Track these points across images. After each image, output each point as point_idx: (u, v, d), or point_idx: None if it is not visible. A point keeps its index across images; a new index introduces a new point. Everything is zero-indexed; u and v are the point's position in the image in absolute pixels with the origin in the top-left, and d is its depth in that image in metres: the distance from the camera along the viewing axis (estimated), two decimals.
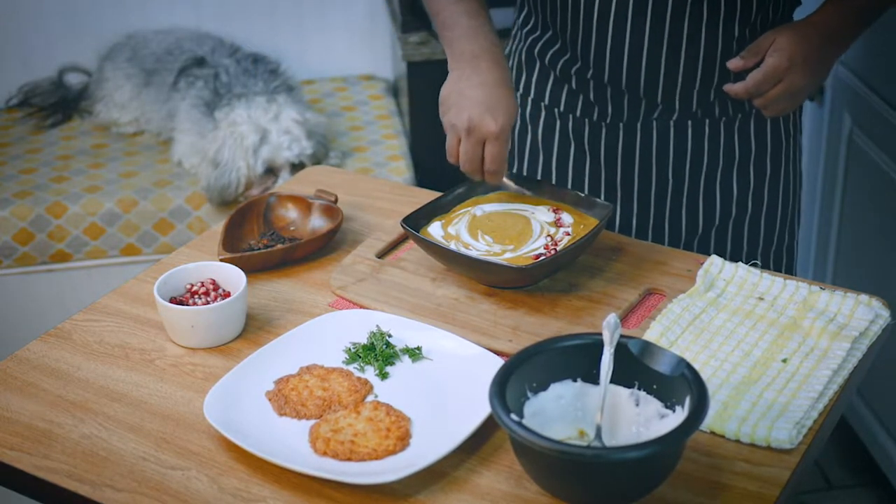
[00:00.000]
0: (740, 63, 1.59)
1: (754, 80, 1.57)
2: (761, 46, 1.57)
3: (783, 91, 1.57)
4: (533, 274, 1.44)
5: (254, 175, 2.60)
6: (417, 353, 1.37)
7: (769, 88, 1.57)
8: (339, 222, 1.58)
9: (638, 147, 1.69)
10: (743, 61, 1.58)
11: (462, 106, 1.49)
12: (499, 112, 1.48)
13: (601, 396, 1.18)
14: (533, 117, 1.75)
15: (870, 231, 2.35)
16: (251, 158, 2.59)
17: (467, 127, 1.48)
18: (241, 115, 2.62)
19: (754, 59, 1.58)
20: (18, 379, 1.37)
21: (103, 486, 1.21)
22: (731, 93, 1.59)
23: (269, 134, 2.61)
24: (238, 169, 2.58)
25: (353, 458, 1.21)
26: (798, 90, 1.58)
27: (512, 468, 1.21)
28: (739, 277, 1.47)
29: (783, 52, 1.55)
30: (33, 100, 3.05)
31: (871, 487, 2.55)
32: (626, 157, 1.70)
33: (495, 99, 1.49)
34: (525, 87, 1.76)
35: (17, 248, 2.61)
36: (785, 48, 1.55)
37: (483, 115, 1.48)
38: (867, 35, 1.67)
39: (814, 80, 1.58)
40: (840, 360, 1.32)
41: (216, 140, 2.62)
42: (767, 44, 1.57)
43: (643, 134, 1.68)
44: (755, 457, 1.21)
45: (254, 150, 2.59)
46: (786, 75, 1.56)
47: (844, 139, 2.41)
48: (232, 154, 2.59)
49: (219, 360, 1.38)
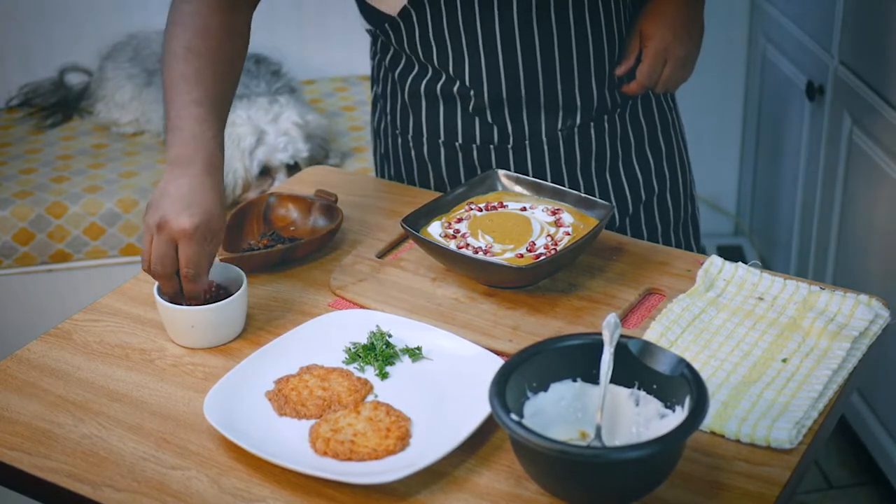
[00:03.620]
0: (622, 68, 1.68)
1: (643, 73, 1.69)
2: (633, 43, 1.69)
3: (672, 69, 1.70)
4: (533, 274, 1.44)
5: (250, 177, 2.60)
6: (417, 353, 1.37)
7: (659, 74, 1.69)
8: (339, 222, 1.58)
9: (547, 159, 1.69)
10: (625, 63, 1.68)
11: (159, 205, 1.37)
12: (196, 209, 1.36)
13: (601, 396, 1.18)
14: (432, 155, 1.73)
15: (870, 231, 2.35)
16: (247, 160, 2.59)
17: (157, 223, 1.36)
18: (240, 115, 2.62)
19: (634, 55, 1.69)
20: (18, 379, 1.37)
21: (103, 486, 1.21)
22: (630, 92, 1.70)
23: (266, 136, 2.61)
24: (235, 171, 2.58)
25: (353, 458, 1.21)
26: (684, 59, 1.71)
27: (512, 468, 1.21)
28: (739, 277, 1.47)
29: (653, 37, 1.67)
30: (34, 100, 3.05)
31: (871, 487, 2.55)
32: (538, 172, 1.70)
33: (196, 197, 1.38)
34: (415, 125, 1.72)
35: (17, 248, 2.61)
36: (653, 33, 1.67)
37: (179, 212, 1.36)
38: (867, 35, 1.68)
39: (693, 43, 1.72)
40: (840, 360, 1.32)
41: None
42: (637, 38, 1.68)
43: (550, 147, 1.69)
44: (755, 457, 1.21)
45: (250, 151, 2.59)
46: (668, 56, 1.69)
47: (844, 139, 2.41)
48: (229, 156, 2.59)
49: (219, 360, 1.38)
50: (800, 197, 2.70)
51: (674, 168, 1.80)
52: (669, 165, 1.79)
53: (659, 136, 1.78)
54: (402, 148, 1.76)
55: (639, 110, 1.74)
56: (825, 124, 2.50)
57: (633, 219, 1.77)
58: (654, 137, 1.77)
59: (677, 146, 1.81)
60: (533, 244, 1.48)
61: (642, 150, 1.76)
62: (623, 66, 1.68)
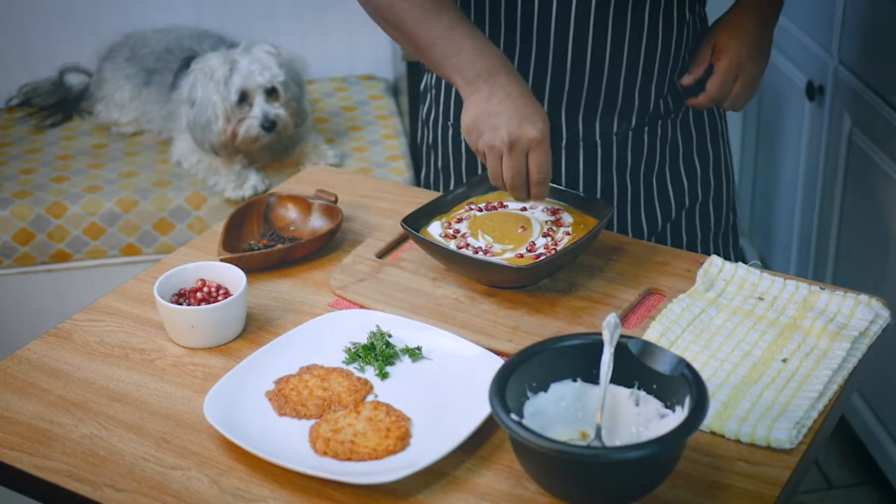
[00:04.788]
0: (690, 78, 1.67)
1: (715, 86, 1.67)
2: (704, 54, 1.68)
3: (742, 85, 1.67)
4: (533, 274, 1.44)
5: (229, 106, 2.58)
6: (417, 353, 1.37)
7: (730, 89, 1.67)
8: (339, 222, 1.58)
9: (599, 161, 1.69)
10: (692, 75, 1.67)
11: (496, 124, 1.42)
12: (536, 119, 1.42)
13: (601, 396, 1.18)
14: None
15: (870, 231, 2.35)
16: (223, 90, 2.57)
17: (508, 142, 1.42)
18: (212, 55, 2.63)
19: (702, 68, 1.67)
20: (18, 379, 1.37)
21: (103, 486, 1.21)
22: (697, 105, 1.69)
23: (237, 63, 2.59)
24: (214, 104, 2.56)
25: (353, 458, 1.21)
26: (754, 78, 1.68)
27: (512, 468, 1.21)
28: (739, 277, 1.47)
29: (728, 51, 1.65)
30: (34, 100, 3.06)
31: (871, 487, 2.55)
32: (588, 174, 1.69)
33: (527, 108, 1.43)
34: None
35: (17, 248, 2.61)
36: (729, 48, 1.65)
37: (521, 124, 1.41)
38: (867, 35, 1.68)
39: (763, 62, 1.69)
40: (840, 360, 1.32)
41: (188, 80, 2.62)
42: (709, 50, 1.67)
43: (603, 149, 1.68)
44: (755, 457, 1.21)
45: (225, 81, 2.57)
46: (740, 71, 1.66)
47: (844, 139, 2.41)
48: (204, 89, 2.58)
49: (219, 360, 1.38)
50: (800, 197, 2.70)
51: (719, 177, 1.79)
52: (715, 174, 1.78)
53: (708, 144, 1.76)
54: (452, 139, 1.74)
55: (690, 117, 1.73)
56: (825, 124, 2.50)
57: (674, 224, 1.77)
58: (703, 145, 1.76)
59: (724, 156, 1.80)
60: (533, 244, 1.48)
61: (690, 157, 1.75)
62: (692, 75, 1.67)
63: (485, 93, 1.44)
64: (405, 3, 1.50)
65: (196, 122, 2.59)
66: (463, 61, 1.46)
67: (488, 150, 1.44)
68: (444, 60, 1.49)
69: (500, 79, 1.45)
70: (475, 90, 1.45)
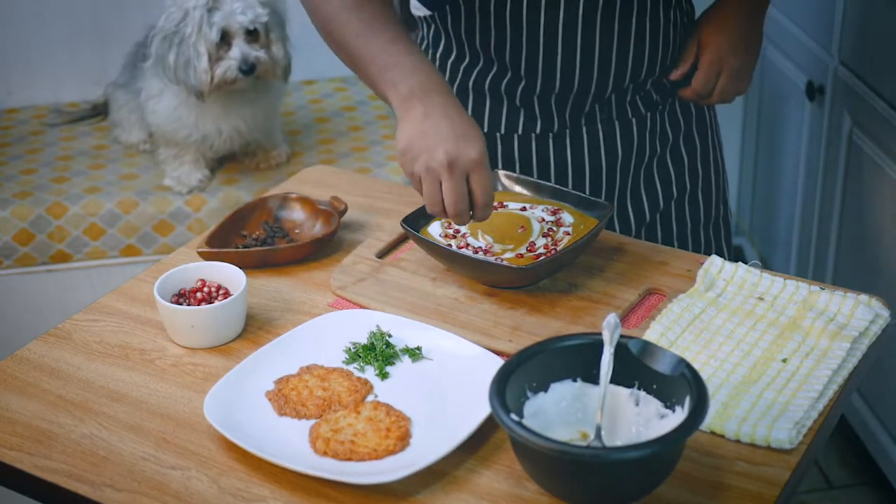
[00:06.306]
0: (678, 73, 1.70)
1: (699, 82, 1.69)
2: (690, 49, 1.70)
3: (727, 79, 1.70)
4: (533, 274, 1.44)
5: (209, 43, 2.44)
6: (417, 353, 1.37)
7: (714, 83, 1.70)
8: (332, 231, 1.57)
9: (586, 150, 1.69)
10: (680, 69, 1.69)
11: (431, 145, 1.35)
12: (474, 139, 1.36)
13: (601, 396, 1.18)
14: None
15: (870, 231, 2.35)
16: (206, 27, 2.43)
17: (447, 162, 1.34)
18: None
19: (689, 62, 1.69)
20: (18, 379, 1.37)
21: (103, 486, 1.21)
22: (685, 97, 1.71)
23: (220, 2, 2.45)
24: (194, 43, 2.44)
25: (353, 458, 1.21)
26: (740, 71, 1.70)
27: (512, 468, 1.21)
28: (739, 277, 1.47)
29: (711, 46, 1.68)
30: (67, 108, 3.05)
31: (871, 487, 2.55)
32: (577, 164, 1.70)
33: (465, 128, 1.37)
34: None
35: (18, 248, 2.61)
36: (710, 42, 1.68)
37: (459, 145, 1.34)
38: (867, 35, 1.68)
39: (749, 56, 1.71)
40: (840, 360, 1.32)
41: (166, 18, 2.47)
42: (695, 44, 1.69)
43: (590, 137, 1.69)
44: (755, 457, 1.21)
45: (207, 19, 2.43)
46: (723, 66, 1.69)
47: (844, 139, 2.41)
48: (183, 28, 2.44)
49: (219, 360, 1.39)
50: (800, 197, 2.70)
51: (707, 167, 1.80)
52: (703, 164, 1.79)
53: (694, 134, 1.78)
54: None
55: (677, 108, 1.75)
56: (825, 124, 2.50)
57: (663, 215, 1.77)
58: (690, 135, 1.77)
59: (713, 146, 1.81)
60: (533, 244, 1.48)
61: (677, 147, 1.76)
62: (678, 71, 1.69)
63: (419, 112, 1.37)
64: (349, 15, 1.46)
65: (178, 61, 2.46)
66: (398, 76, 1.40)
67: (425, 174, 1.36)
68: (380, 75, 1.42)
69: (435, 98, 1.38)
70: (409, 108, 1.38)
